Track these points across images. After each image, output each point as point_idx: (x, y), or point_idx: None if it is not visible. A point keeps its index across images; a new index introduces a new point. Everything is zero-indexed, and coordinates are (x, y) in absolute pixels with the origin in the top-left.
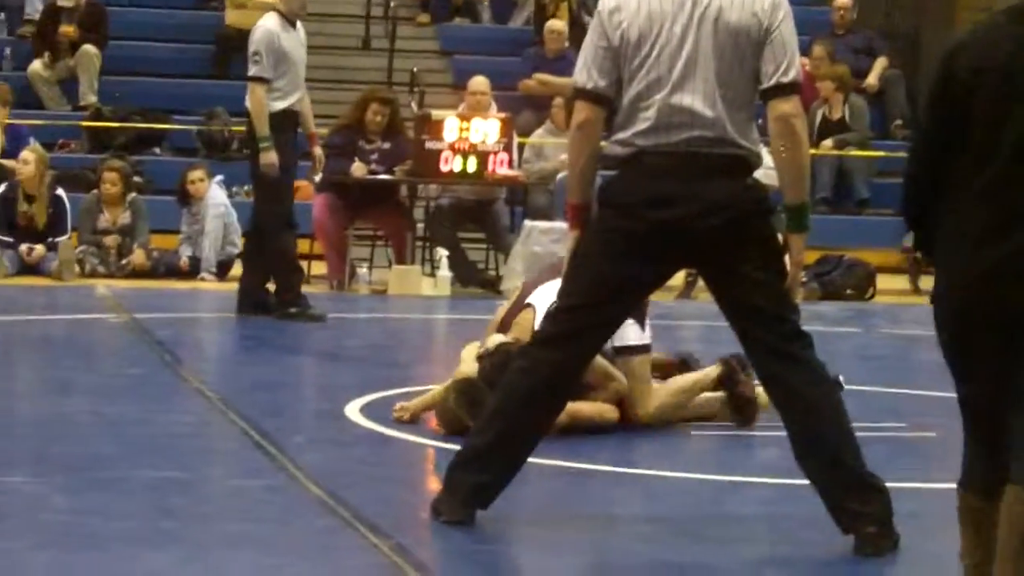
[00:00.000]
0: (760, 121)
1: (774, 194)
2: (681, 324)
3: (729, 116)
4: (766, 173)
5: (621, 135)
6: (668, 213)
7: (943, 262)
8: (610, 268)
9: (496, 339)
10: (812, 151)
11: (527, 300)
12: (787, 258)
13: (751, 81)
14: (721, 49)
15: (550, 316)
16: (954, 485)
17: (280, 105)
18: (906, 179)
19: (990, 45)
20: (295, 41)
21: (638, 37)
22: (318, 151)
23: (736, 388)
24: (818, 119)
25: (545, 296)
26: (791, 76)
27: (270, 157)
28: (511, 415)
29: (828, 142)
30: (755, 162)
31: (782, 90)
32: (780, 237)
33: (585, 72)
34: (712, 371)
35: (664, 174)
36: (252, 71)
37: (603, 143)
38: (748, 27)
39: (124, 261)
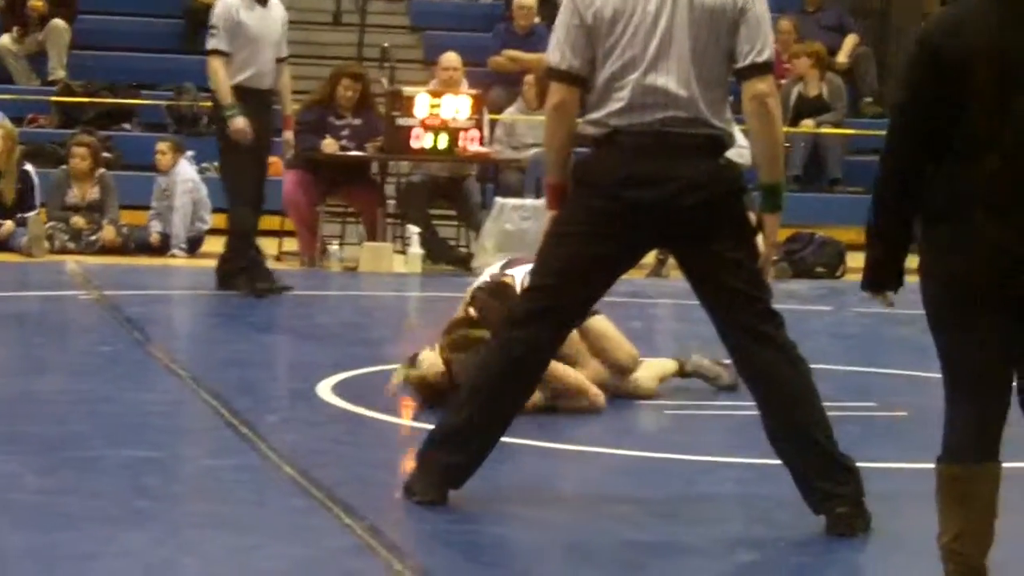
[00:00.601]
0: (731, 99)
1: (747, 172)
2: (653, 302)
3: (703, 96)
4: (739, 152)
5: (594, 115)
6: (643, 193)
7: (942, 241)
8: (584, 247)
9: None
10: (785, 129)
11: (507, 271)
12: (760, 237)
13: (725, 60)
14: (696, 28)
15: (524, 294)
16: (926, 464)
17: (234, 80)
18: (887, 171)
19: (975, 24)
20: (260, 18)
21: (612, 16)
22: (289, 135)
23: None
24: (794, 97)
25: (523, 273)
26: (766, 56)
27: (237, 123)
28: (485, 394)
29: (809, 121)
30: (728, 142)
31: (757, 69)
32: (752, 216)
33: (558, 52)
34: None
35: (638, 154)
36: (208, 44)
37: (578, 120)
38: (723, 6)
39: (94, 237)
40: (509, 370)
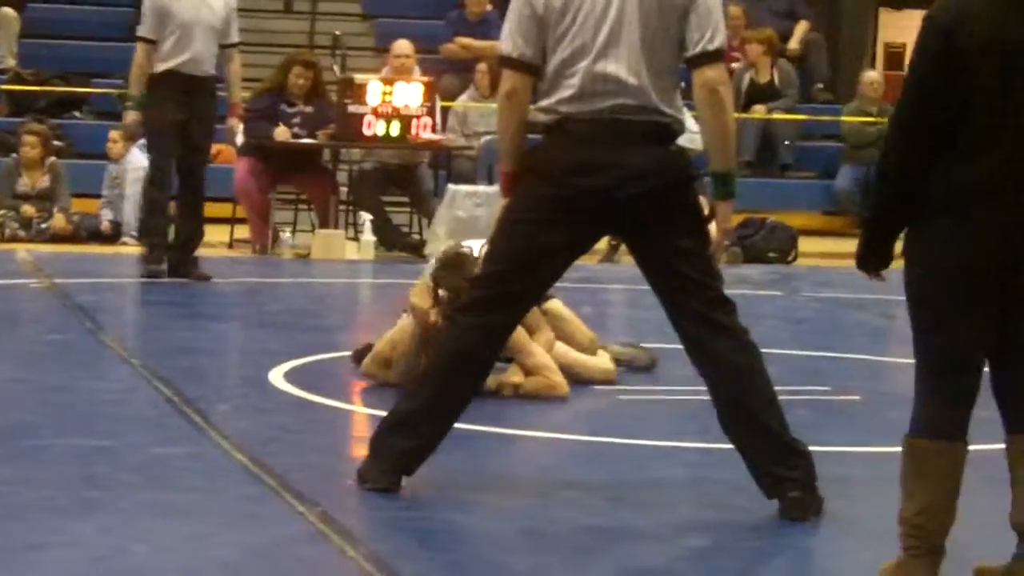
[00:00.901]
0: (683, 86)
1: (699, 159)
2: (605, 288)
3: (653, 83)
4: (690, 138)
5: (545, 102)
6: (594, 180)
7: (941, 233)
8: (535, 235)
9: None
10: (737, 115)
11: (463, 243)
12: (713, 225)
13: (675, 48)
14: (646, 16)
15: (476, 281)
16: (878, 448)
17: (161, 66)
18: (890, 168)
19: (978, 16)
20: (194, 4)
21: (562, 4)
22: (234, 121)
23: None
24: (745, 83)
25: (479, 245)
26: (717, 43)
27: (130, 116)
28: (439, 381)
29: (760, 108)
30: (678, 129)
31: (708, 57)
32: (704, 202)
33: (511, 41)
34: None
35: (589, 142)
36: (137, 30)
37: (530, 107)
38: None
39: (44, 225)
40: (462, 357)
